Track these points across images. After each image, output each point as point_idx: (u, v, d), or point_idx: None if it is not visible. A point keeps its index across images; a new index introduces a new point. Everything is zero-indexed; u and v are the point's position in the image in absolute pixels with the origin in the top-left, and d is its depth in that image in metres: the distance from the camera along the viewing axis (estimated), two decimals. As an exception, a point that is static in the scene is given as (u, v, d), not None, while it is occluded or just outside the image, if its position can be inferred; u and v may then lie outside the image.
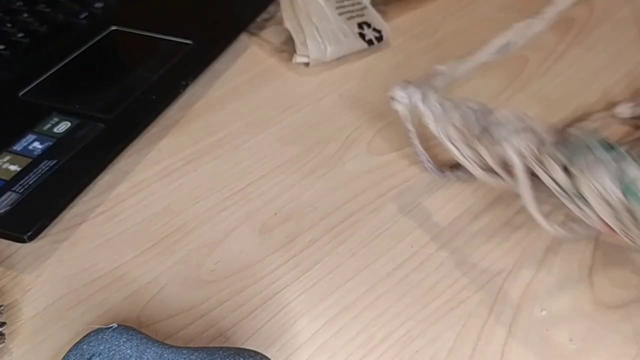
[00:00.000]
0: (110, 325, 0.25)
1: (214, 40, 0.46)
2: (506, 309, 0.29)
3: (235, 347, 0.25)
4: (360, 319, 0.29)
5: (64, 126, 0.38)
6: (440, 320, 0.29)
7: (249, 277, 0.31)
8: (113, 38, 0.47)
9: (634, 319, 0.29)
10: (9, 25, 0.48)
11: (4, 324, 0.28)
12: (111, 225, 0.34)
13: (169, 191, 0.36)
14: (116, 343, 0.24)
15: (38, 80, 0.42)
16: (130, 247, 0.33)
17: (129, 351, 0.24)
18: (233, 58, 0.47)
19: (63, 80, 0.42)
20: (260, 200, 0.35)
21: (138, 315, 0.29)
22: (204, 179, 0.37)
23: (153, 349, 0.24)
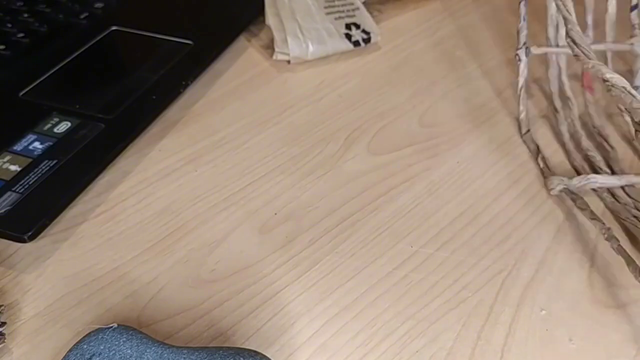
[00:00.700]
0: (110, 325, 0.25)
1: (214, 40, 0.46)
2: (506, 309, 0.29)
3: (235, 347, 0.25)
4: (360, 319, 0.29)
5: (64, 126, 0.38)
6: (440, 320, 0.29)
7: (249, 277, 0.31)
8: (113, 38, 0.47)
9: (634, 319, 0.29)
10: (9, 25, 0.48)
11: (4, 324, 0.28)
12: (111, 225, 0.34)
13: (169, 191, 0.36)
14: (116, 343, 0.24)
15: (38, 80, 0.42)
16: (130, 247, 0.33)
17: (129, 351, 0.24)
18: (233, 58, 0.47)
19: (63, 81, 0.42)
20: (260, 200, 0.35)
21: (138, 315, 0.29)
22: (204, 179, 0.37)
23: (153, 348, 0.24)
